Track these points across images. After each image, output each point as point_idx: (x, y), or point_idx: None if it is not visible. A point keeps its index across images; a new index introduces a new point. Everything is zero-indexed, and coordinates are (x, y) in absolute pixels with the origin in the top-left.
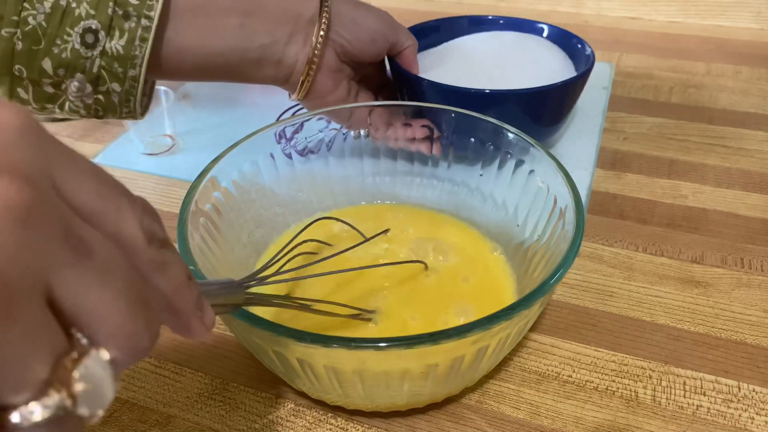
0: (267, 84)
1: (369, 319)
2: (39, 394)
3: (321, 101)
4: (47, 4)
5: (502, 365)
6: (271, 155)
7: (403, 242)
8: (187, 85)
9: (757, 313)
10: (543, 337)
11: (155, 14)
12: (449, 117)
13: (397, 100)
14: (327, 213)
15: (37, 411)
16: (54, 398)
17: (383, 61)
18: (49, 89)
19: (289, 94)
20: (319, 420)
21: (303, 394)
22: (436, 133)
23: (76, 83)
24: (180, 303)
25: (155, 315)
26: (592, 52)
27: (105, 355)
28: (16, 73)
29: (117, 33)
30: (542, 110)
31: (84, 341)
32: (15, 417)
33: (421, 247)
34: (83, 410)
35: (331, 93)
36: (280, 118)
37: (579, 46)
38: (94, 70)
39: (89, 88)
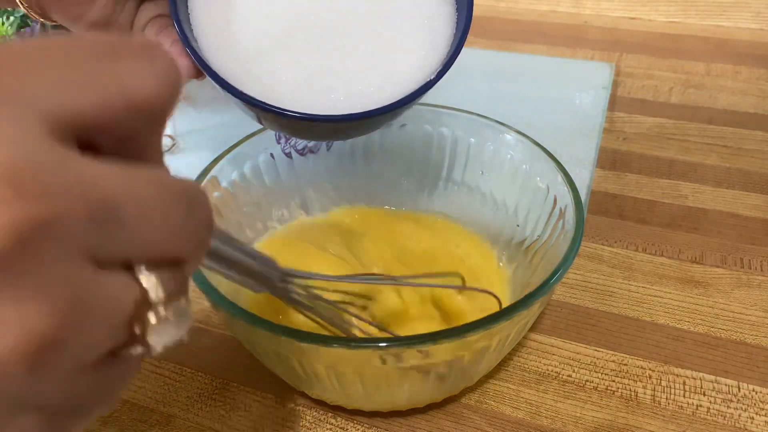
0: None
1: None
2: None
3: (77, 18)
4: None
5: (502, 365)
6: (271, 155)
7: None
8: (188, 85)
9: (757, 313)
10: (543, 337)
11: None
12: (447, 117)
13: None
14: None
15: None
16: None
17: None
18: None
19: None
20: (319, 420)
21: (303, 394)
22: None
23: None
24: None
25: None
26: None
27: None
28: None
29: None
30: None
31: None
32: (136, 349)
33: (420, 249)
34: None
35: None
36: None
37: None
38: None
39: None
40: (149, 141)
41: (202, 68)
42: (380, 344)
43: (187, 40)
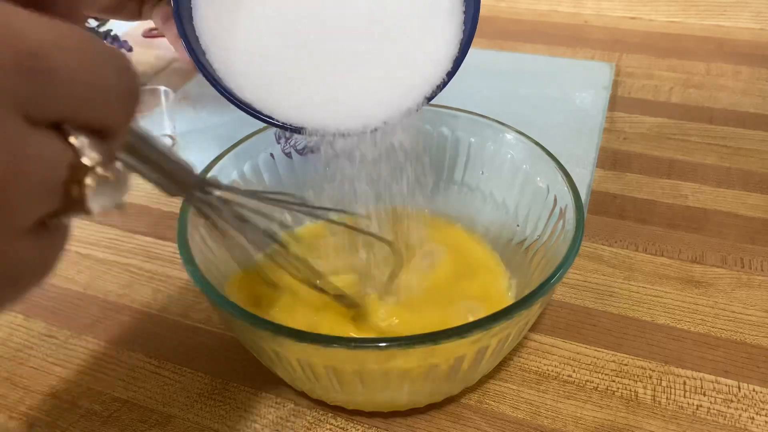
0: None
1: (353, 307)
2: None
3: (89, 6)
4: None
5: (502, 365)
6: (271, 155)
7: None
8: (188, 85)
9: (757, 313)
10: (543, 337)
11: None
12: (447, 117)
13: None
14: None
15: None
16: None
17: None
18: None
19: None
20: (319, 420)
21: (303, 394)
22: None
23: None
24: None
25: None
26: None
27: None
28: None
29: None
30: None
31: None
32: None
33: (420, 248)
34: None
35: None
36: None
37: None
38: None
39: None
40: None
41: (206, 76)
42: (380, 344)
43: (192, 50)
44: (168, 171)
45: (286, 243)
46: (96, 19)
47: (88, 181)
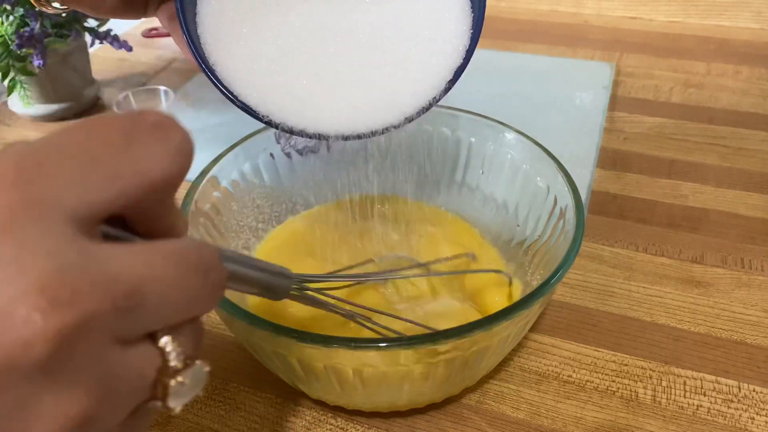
0: None
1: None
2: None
3: (97, 5)
4: None
5: (502, 365)
6: (271, 155)
7: (403, 242)
8: (188, 85)
9: (757, 313)
10: (543, 337)
11: None
12: (447, 117)
13: None
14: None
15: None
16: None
17: None
18: None
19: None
20: (319, 420)
21: (303, 394)
22: None
23: None
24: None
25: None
26: None
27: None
28: None
29: None
30: None
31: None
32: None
33: (420, 247)
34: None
35: None
36: None
37: None
38: None
39: None
40: (164, 210)
41: (208, 76)
42: (380, 344)
43: (195, 49)
44: (267, 283)
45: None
46: (96, 18)
47: (172, 383)
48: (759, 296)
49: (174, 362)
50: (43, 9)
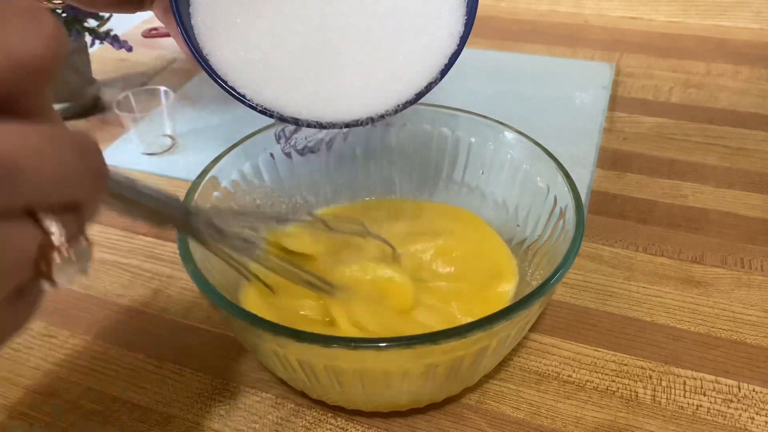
0: None
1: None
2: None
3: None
4: None
5: (502, 365)
6: (271, 155)
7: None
8: (188, 85)
9: (757, 313)
10: (543, 337)
11: None
12: (447, 117)
13: None
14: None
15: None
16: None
17: None
18: None
19: None
20: (319, 420)
21: (303, 394)
22: None
23: None
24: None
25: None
26: None
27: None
28: None
29: None
30: None
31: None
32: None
33: (420, 245)
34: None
35: None
36: None
37: None
38: None
39: None
40: (38, 99)
41: (205, 69)
42: (380, 344)
43: (190, 42)
44: (155, 209)
45: (267, 248)
46: (95, 18)
47: (54, 257)
48: (759, 296)
49: (56, 239)
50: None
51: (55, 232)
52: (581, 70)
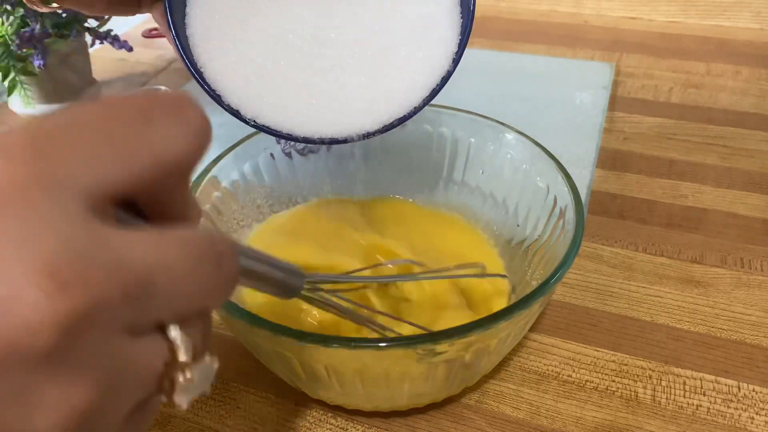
0: None
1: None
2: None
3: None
4: None
5: (502, 365)
6: (271, 155)
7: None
8: (188, 85)
9: (757, 313)
10: (543, 337)
11: None
12: (447, 117)
13: None
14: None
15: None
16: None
17: None
18: None
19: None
20: (319, 420)
21: (303, 394)
22: None
23: None
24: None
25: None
26: None
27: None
28: None
29: None
30: None
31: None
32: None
33: (420, 247)
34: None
35: None
36: None
37: None
38: None
39: None
40: (179, 194)
41: (192, 73)
42: (380, 344)
43: (183, 51)
44: (279, 280)
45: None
46: (96, 18)
47: (179, 378)
48: (759, 296)
49: (183, 356)
50: (35, 8)
51: (182, 348)
52: (581, 70)
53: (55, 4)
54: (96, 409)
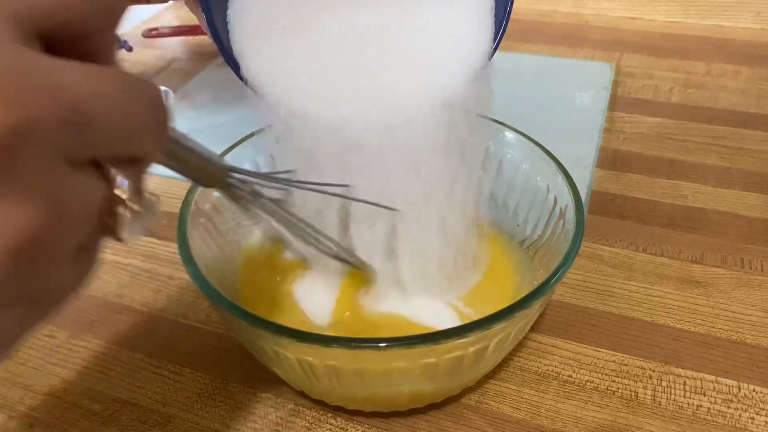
0: None
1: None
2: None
3: None
4: None
5: (502, 365)
6: (271, 155)
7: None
8: (188, 85)
9: (757, 313)
10: (543, 337)
11: None
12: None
13: None
14: None
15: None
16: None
17: None
18: None
19: None
20: (319, 420)
21: (303, 394)
22: None
23: None
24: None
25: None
26: None
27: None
28: None
29: None
30: None
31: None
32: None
33: None
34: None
35: None
36: None
37: None
38: None
39: None
40: (104, 39)
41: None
42: (380, 344)
43: (218, 37)
44: (202, 166)
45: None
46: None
47: (121, 211)
48: (759, 296)
49: (121, 191)
50: None
51: (121, 184)
52: (581, 70)
53: None
54: (41, 236)
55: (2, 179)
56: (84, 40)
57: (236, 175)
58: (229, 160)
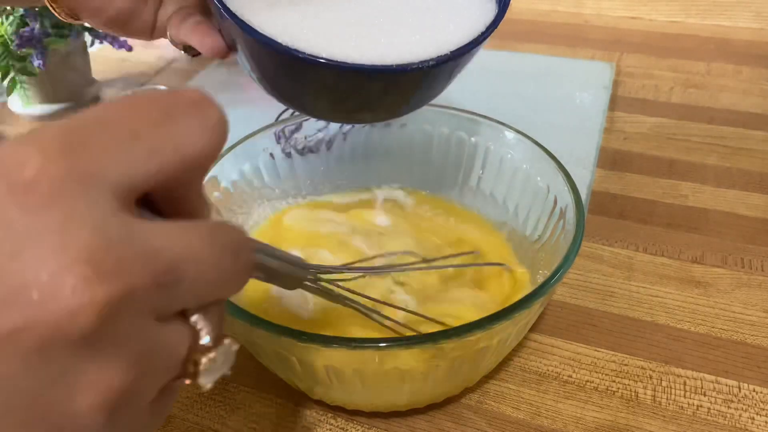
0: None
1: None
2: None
3: (99, 12)
4: None
5: (502, 365)
6: (271, 155)
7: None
8: (188, 85)
9: (757, 313)
10: (543, 337)
11: None
12: (447, 117)
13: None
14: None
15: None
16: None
17: None
18: None
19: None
20: (319, 420)
21: (303, 394)
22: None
23: None
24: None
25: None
26: None
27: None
28: None
29: None
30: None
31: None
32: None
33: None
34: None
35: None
36: (280, 118)
37: None
38: None
39: None
40: (195, 190)
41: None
42: (380, 344)
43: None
44: (285, 272)
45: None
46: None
47: (203, 360)
48: (759, 296)
49: (205, 339)
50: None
51: (204, 331)
52: (581, 70)
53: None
54: (130, 389)
55: (99, 343)
56: (176, 193)
57: (316, 272)
58: (229, 159)
